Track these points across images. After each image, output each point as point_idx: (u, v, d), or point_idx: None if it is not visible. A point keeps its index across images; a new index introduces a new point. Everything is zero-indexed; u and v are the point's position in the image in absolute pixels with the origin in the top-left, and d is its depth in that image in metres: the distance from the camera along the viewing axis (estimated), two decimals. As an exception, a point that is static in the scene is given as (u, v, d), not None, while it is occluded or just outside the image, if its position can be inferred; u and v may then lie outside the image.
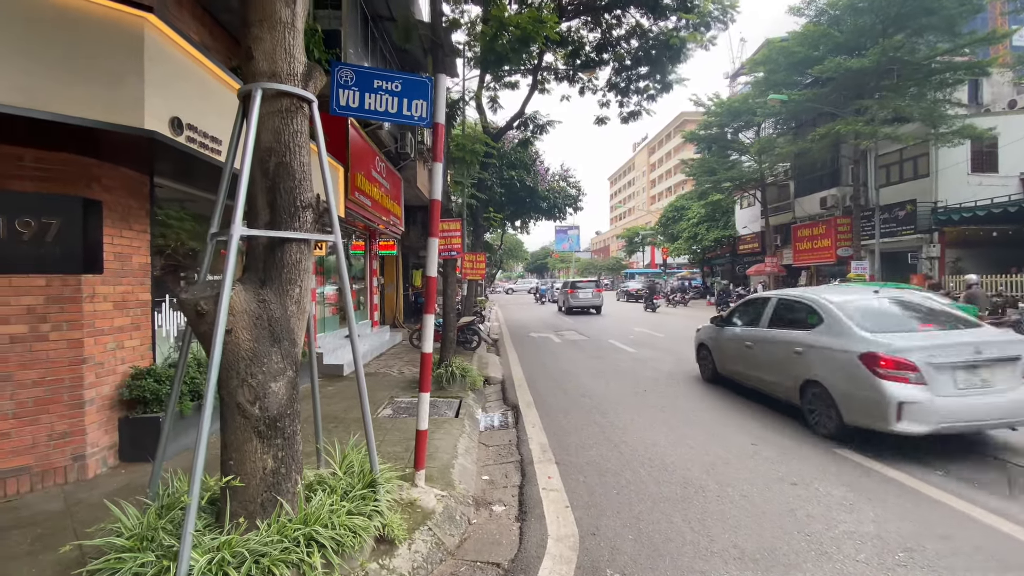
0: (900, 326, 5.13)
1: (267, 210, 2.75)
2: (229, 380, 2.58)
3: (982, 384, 4.50)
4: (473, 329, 11.68)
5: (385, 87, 3.59)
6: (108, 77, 3.33)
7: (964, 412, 4.37)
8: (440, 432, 5.12)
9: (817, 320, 5.50)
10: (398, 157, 12.21)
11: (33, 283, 3.77)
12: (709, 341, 7.78)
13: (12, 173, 3.71)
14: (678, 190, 55.72)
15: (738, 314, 7.25)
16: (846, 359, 4.87)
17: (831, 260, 21.59)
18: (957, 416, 4.35)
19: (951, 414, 4.33)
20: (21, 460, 3.74)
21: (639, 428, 5.48)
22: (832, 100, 19.05)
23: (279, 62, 2.68)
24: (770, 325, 6.29)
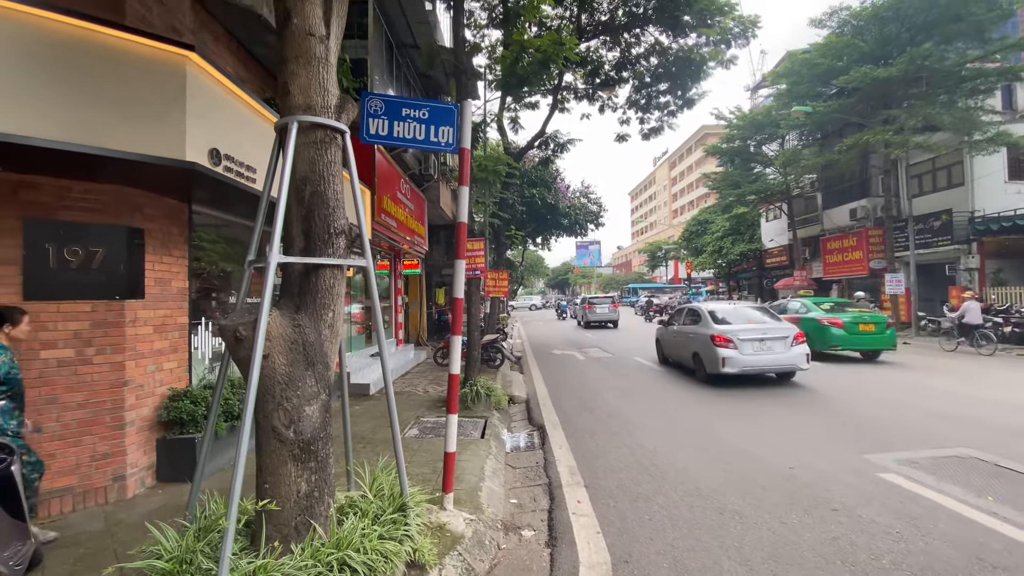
0: (735, 321, 9.33)
1: (302, 237, 2.83)
2: (265, 404, 2.63)
3: (766, 350, 8.69)
4: (496, 347, 11.68)
5: (413, 115, 3.69)
6: (152, 113, 3.51)
7: (755, 362, 8.55)
8: (467, 453, 5.09)
9: (699, 319, 9.77)
10: (422, 178, 12.45)
11: (79, 309, 3.94)
12: (659, 336, 12.09)
13: (62, 204, 3.91)
14: (700, 204, 55.18)
15: (673, 318, 11.44)
16: (706, 338, 9.03)
17: (863, 273, 20.95)
18: (751, 365, 8.53)
19: (749, 364, 8.51)
20: (65, 480, 3.86)
21: (669, 450, 5.35)
22: (859, 110, 18.71)
23: (314, 96, 2.79)
24: (683, 324, 10.48)
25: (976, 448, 5.10)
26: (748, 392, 8.27)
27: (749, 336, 8.67)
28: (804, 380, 9.21)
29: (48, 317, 3.84)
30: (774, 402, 7.51)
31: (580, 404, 7.78)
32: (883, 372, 10.17)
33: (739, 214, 29.68)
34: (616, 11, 12.22)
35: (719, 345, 8.64)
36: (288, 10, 2.74)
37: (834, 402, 7.35)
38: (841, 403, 7.26)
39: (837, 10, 18.96)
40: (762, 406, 7.25)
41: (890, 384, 8.77)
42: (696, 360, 9.40)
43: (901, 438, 5.56)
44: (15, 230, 3.75)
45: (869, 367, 10.84)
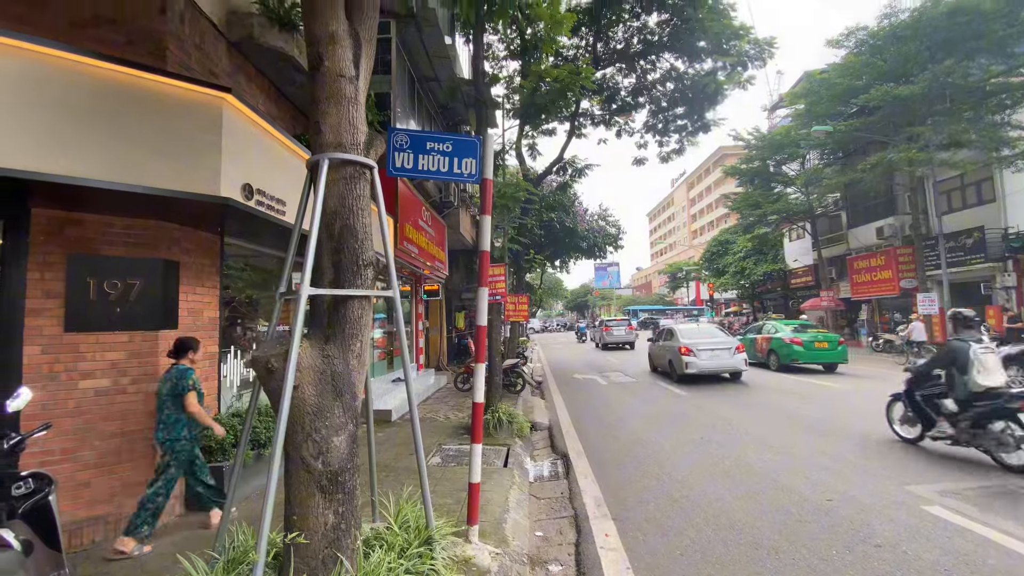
0: (696, 338, 12.69)
1: (332, 269, 2.90)
2: (294, 435, 2.66)
3: (717, 357, 12.08)
4: (517, 372, 11.60)
5: (437, 148, 3.79)
6: (190, 151, 3.68)
7: (709, 366, 12.01)
8: (490, 483, 5.02)
9: (672, 336, 13.35)
10: (442, 205, 12.68)
11: (117, 339, 4.08)
12: (650, 350, 15.64)
13: (103, 240, 4.10)
14: (720, 224, 54.69)
15: (658, 336, 15.12)
16: (676, 349, 12.48)
17: (894, 292, 20.37)
18: (706, 367, 11.98)
19: (704, 367, 11.97)
20: (100, 509, 3.94)
21: (700, 480, 5.19)
22: (882, 128, 18.50)
23: (344, 134, 2.89)
24: (663, 340, 14.12)
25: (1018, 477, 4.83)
26: (779, 420, 8.02)
27: (705, 347, 12.29)
28: (819, 400, 8.90)
29: (87, 348, 3.98)
30: (805, 431, 7.26)
31: (604, 431, 7.63)
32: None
33: (761, 234, 29.32)
34: (631, 39, 12.45)
35: (684, 355, 12.27)
36: (320, 54, 2.87)
37: (859, 425, 7.05)
38: (866, 426, 6.97)
39: (854, 30, 18.97)
40: (795, 435, 7.01)
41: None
42: (671, 365, 13.10)
43: (938, 467, 5.30)
44: (59, 264, 3.93)
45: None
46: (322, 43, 2.84)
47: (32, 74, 3.20)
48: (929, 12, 16.39)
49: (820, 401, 9.47)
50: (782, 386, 11.58)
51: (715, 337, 12.86)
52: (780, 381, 12.40)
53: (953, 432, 5.59)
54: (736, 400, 9.85)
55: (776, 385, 11.75)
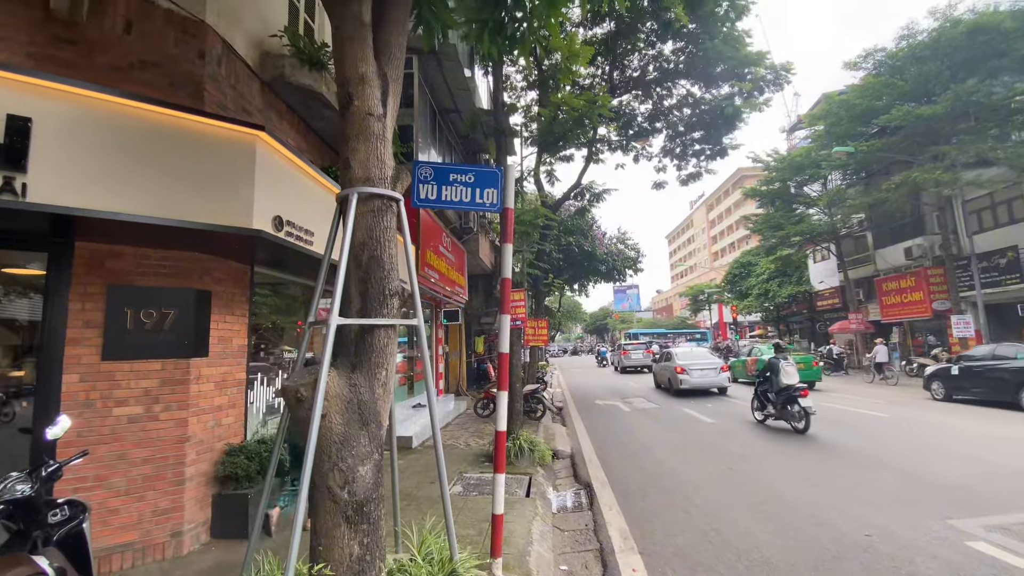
0: (690, 359, 15.97)
1: (359, 299, 2.97)
2: (321, 464, 2.68)
3: (705, 375, 15.29)
4: (537, 397, 11.49)
5: (460, 179, 3.88)
6: (225, 186, 3.84)
7: (699, 382, 15.15)
8: (512, 513, 4.94)
9: (671, 358, 16.49)
10: (462, 231, 12.85)
11: (151, 367, 4.20)
12: (654, 370, 18.75)
13: (140, 271, 4.26)
14: (741, 245, 54.01)
15: (661, 358, 17.92)
16: (672, 369, 15.77)
17: (926, 315, 19.72)
18: (696, 384, 15.08)
19: (695, 383, 15.08)
20: (128, 536, 3.99)
21: (730, 513, 5.02)
22: (905, 148, 18.25)
23: (372, 168, 3.00)
24: (664, 361, 17.21)
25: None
26: (811, 450, 7.75)
27: (695, 368, 15.43)
28: (852, 427, 8.55)
29: (122, 376, 4.10)
30: (840, 461, 6.99)
31: (629, 460, 7.47)
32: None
33: (784, 256, 28.84)
34: (647, 67, 12.66)
35: (678, 373, 15.39)
36: (350, 94, 3.00)
37: (896, 455, 6.75)
38: (903, 456, 6.67)
39: (872, 52, 18.97)
40: (829, 466, 6.76)
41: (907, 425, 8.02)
42: (668, 382, 16.22)
43: (981, 500, 5.02)
44: (99, 295, 4.09)
45: (890, 414, 10.00)
46: (352, 84, 2.97)
47: (80, 116, 3.41)
48: (948, 32, 16.32)
49: (853, 429, 9.12)
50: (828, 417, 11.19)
51: (705, 359, 16.33)
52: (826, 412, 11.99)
53: (774, 412, 9.45)
54: (765, 428, 9.55)
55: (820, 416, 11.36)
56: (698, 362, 15.67)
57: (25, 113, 3.22)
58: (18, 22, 4.00)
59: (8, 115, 3.17)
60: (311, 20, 6.66)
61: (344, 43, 3.01)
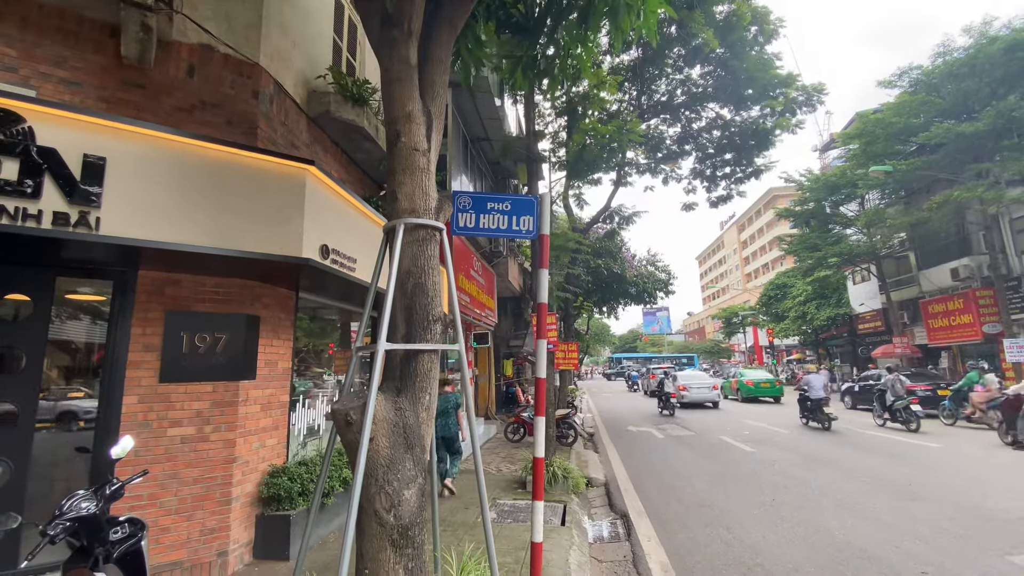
0: (688, 379, 21.15)
1: (404, 324, 3.07)
2: (368, 487, 2.74)
3: (700, 392, 20.58)
4: (569, 423, 11.34)
5: (497, 207, 4.00)
6: (277, 218, 4.06)
7: (696, 397, 20.37)
8: (549, 543, 4.87)
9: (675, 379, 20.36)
10: (492, 255, 13.03)
11: (203, 390, 4.39)
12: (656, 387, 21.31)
13: (196, 297, 4.51)
14: (775, 267, 52.69)
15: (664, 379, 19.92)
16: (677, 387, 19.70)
17: (977, 338, 18.70)
18: (694, 398, 20.33)
19: (692, 398, 20.31)
20: (176, 555, 4.12)
21: (774, 546, 4.82)
22: (946, 166, 17.67)
23: (417, 200, 3.13)
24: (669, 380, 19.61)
25: None
26: (858, 481, 7.40)
27: (694, 386, 20.31)
28: (903, 458, 8.11)
29: (177, 398, 4.30)
30: (889, 493, 6.64)
31: (666, 490, 7.27)
32: None
33: (821, 277, 27.96)
34: (675, 91, 12.75)
35: (681, 390, 19.69)
36: (398, 131, 3.16)
37: (948, 487, 6.35)
38: (956, 488, 6.27)
39: (907, 70, 18.61)
40: (878, 498, 6.43)
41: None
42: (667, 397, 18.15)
43: None
44: (158, 321, 4.34)
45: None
46: (400, 122, 3.14)
47: (148, 155, 3.69)
48: (985, 49, 15.93)
49: (904, 459, 8.66)
50: (858, 442, 10.71)
51: (701, 380, 21.33)
52: (854, 435, 11.48)
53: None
54: (808, 456, 9.18)
55: (853, 440, 10.88)
56: (696, 382, 20.93)
57: (100, 153, 3.51)
58: (92, 67, 4.39)
59: (84, 154, 3.47)
60: (353, 59, 7.04)
61: (392, 84, 3.19)
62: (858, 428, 13.11)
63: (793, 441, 11.14)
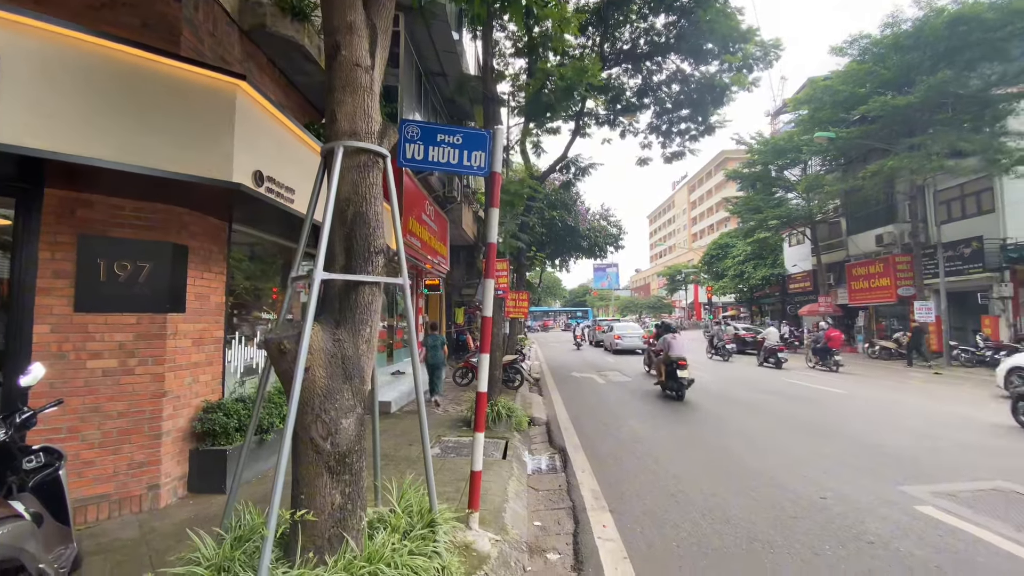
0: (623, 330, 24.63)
1: (343, 255, 2.95)
2: (304, 416, 2.71)
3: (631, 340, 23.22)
4: (516, 368, 11.65)
5: (447, 140, 3.84)
6: (203, 137, 3.72)
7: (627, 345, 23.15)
8: (489, 474, 5.08)
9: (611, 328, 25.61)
10: (445, 200, 12.71)
11: (125, 321, 4.12)
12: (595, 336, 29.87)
13: (114, 222, 4.13)
14: (720, 228, 54.79)
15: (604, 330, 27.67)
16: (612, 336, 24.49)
17: (891, 300, 20.49)
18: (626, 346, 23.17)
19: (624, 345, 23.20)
20: (103, 488, 3.98)
21: (696, 476, 5.26)
22: (883, 136, 18.59)
23: (359, 122, 2.94)
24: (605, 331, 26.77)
25: (1004, 478, 4.90)
26: (772, 420, 8.11)
27: (626, 335, 23.43)
28: (810, 400, 8.99)
29: (96, 328, 4.02)
30: (800, 431, 7.34)
31: (602, 427, 7.70)
32: (915, 402, 9.88)
33: (761, 239, 29.40)
34: (638, 40, 12.49)
35: (616, 339, 23.00)
36: (337, 43, 2.91)
37: (853, 426, 7.13)
38: (860, 427, 7.05)
39: (858, 38, 19.05)
40: (789, 435, 7.10)
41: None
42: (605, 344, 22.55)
43: (932, 469, 5.38)
44: (70, 245, 3.96)
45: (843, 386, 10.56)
46: (340, 32, 2.89)
47: (51, 54, 3.24)
48: (931, 22, 16.48)
49: (811, 401, 9.56)
50: (775, 388, 11.70)
51: (634, 330, 24.79)
52: (774, 382, 12.53)
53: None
54: (733, 399, 9.93)
55: (770, 386, 11.87)
56: (629, 332, 24.39)
57: (-11, 47, 3.04)
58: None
59: (-30, 48, 2.99)
60: (293, -32, 6.35)
61: (332, -11, 2.91)
62: (783, 375, 14.26)
63: (719, 386, 12.01)
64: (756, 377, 14.11)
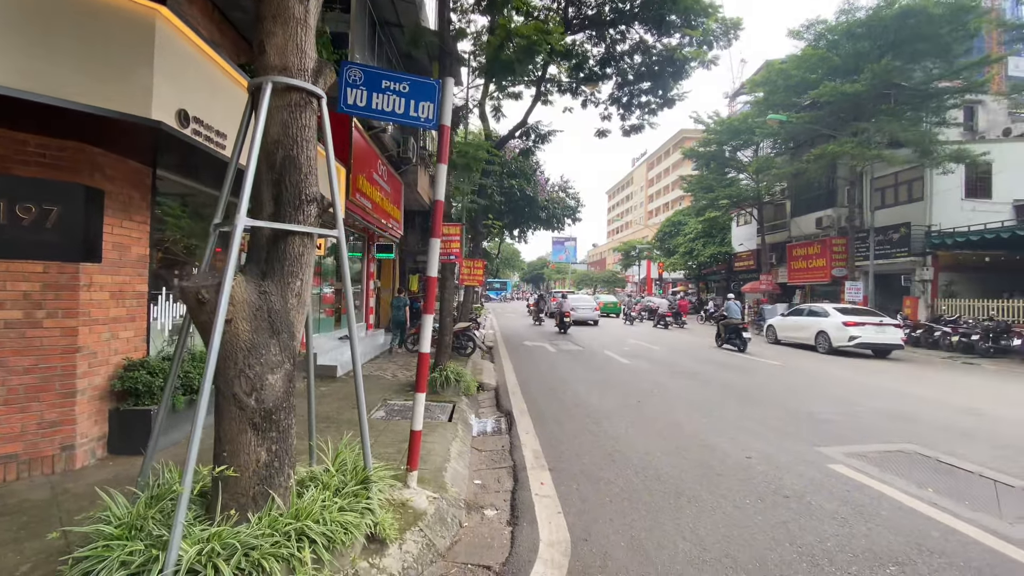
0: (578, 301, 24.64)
1: (272, 203, 2.76)
2: (226, 370, 2.57)
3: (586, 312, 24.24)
4: (468, 335, 11.66)
5: (393, 88, 3.63)
6: (117, 66, 3.35)
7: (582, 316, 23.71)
8: (433, 436, 5.09)
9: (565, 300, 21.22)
10: (400, 161, 12.27)
11: (30, 269, 3.75)
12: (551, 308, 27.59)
13: (15, 158, 3.71)
14: (676, 206, 56.09)
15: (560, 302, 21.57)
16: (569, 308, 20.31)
17: (825, 280, 21.76)
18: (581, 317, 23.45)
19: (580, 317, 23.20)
20: (9, 447, 3.69)
21: (633, 438, 5.47)
22: (830, 122, 19.34)
23: (290, 57, 2.71)
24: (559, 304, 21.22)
25: (911, 442, 5.39)
26: (713, 389, 8.53)
27: (580, 307, 23.44)
28: (755, 375, 9.54)
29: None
30: (736, 398, 7.75)
31: (549, 393, 7.85)
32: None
33: (711, 217, 30.35)
34: (603, 6, 12.25)
35: (571, 311, 20.53)
36: (267, -34, 2.64)
37: (782, 396, 7.62)
38: (789, 396, 7.55)
39: (814, 23, 19.49)
40: (725, 402, 7.48)
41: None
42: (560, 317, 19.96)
43: (849, 432, 5.83)
44: (-39, 182, 3.53)
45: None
46: (269, -47, 2.62)
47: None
48: (882, 12, 17.06)
49: (755, 376, 10.12)
50: (729, 362, 12.29)
51: (587, 302, 25.38)
52: (728, 358, 13.16)
53: None
54: (674, 369, 10.36)
55: (722, 361, 12.46)
56: (583, 304, 24.61)
57: None
58: None
59: None
60: None
61: (260, -98, 2.62)
62: (729, 348, 15.00)
63: (663, 356, 12.51)
64: (661, 336, 14.74)
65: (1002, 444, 5.53)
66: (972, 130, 22.15)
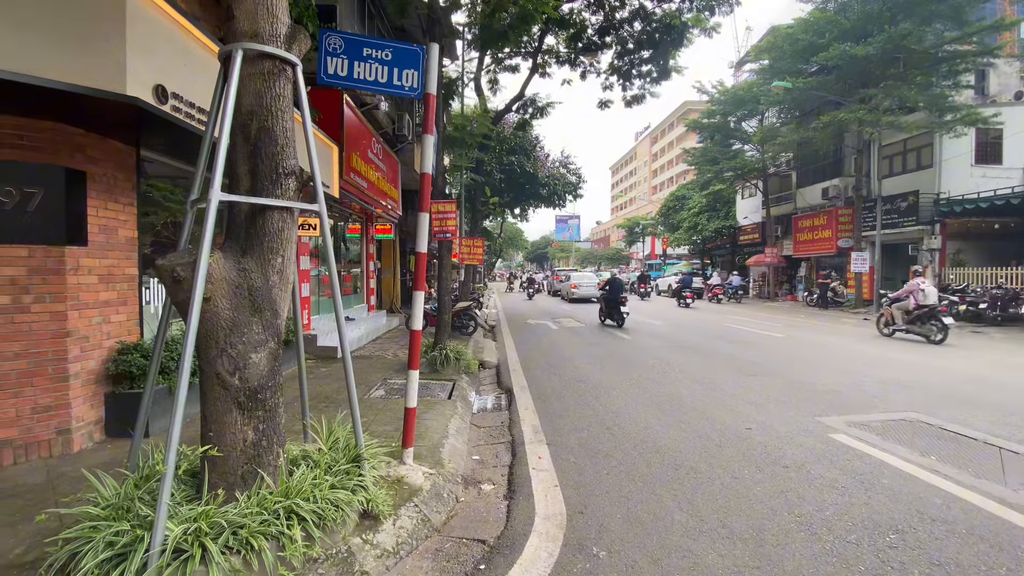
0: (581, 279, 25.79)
1: (248, 177, 2.67)
2: (208, 350, 2.52)
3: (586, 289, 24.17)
4: (470, 315, 11.62)
5: (375, 56, 3.48)
6: (88, 41, 3.22)
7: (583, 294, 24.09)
8: (432, 413, 5.07)
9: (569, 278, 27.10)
10: (396, 140, 12.06)
11: (15, 253, 3.69)
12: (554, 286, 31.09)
13: (-8, 141, 3.61)
14: (680, 180, 55.36)
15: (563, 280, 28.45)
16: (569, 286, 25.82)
17: (832, 251, 21.49)
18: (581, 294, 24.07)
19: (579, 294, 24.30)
20: (4, 433, 3.69)
21: (633, 412, 5.44)
22: (837, 89, 18.80)
23: (261, 22, 2.58)
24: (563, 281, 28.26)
25: (915, 410, 5.33)
26: (715, 362, 8.48)
27: (582, 284, 24.60)
28: (758, 347, 9.48)
29: (-23, 261, 3.59)
30: (737, 371, 7.70)
31: (550, 370, 7.83)
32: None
33: (716, 191, 29.90)
34: (600, -29, 11.82)
35: (573, 288, 24.40)
36: (231, -77, 2.50)
37: (784, 368, 7.56)
38: (790, 368, 7.49)
39: (822, -16, 18.81)
40: (726, 375, 7.44)
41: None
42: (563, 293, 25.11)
43: (849, 402, 5.77)
44: (-63, 166, 3.45)
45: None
46: (231, -92, 2.47)
47: None
48: (895, -28, 16.41)
49: (759, 348, 10.05)
50: (725, 335, 12.22)
51: (589, 279, 25.44)
52: (721, 327, 13.09)
53: None
54: (676, 343, 10.31)
55: (718, 332, 12.40)
56: (585, 282, 24.99)
57: None
58: None
59: None
60: None
61: None
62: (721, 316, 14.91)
63: (666, 330, 12.45)
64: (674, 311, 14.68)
65: (1008, 411, 5.46)
66: (983, 93, 21.49)
